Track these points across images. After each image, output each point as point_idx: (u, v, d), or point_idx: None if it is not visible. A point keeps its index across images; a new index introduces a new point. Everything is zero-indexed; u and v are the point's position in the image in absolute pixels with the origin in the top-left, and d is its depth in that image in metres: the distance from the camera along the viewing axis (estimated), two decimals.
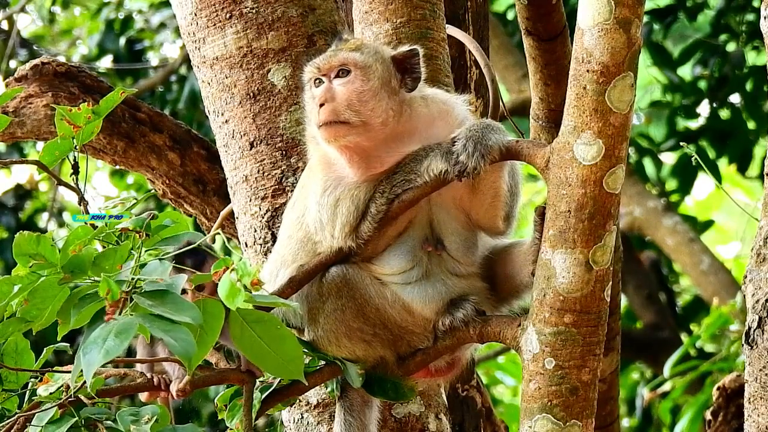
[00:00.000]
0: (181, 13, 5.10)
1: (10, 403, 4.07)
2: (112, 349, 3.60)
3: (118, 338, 3.61)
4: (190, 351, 3.64)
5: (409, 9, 5.14)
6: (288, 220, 4.38)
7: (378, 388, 4.28)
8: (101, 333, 3.63)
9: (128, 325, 3.64)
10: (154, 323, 3.65)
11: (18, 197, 12.86)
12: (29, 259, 3.84)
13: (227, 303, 3.69)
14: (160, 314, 3.67)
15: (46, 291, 3.82)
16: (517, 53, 11.48)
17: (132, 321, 3.65)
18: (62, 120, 4.16)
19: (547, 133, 6.44)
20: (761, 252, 4.53)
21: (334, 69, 4.19)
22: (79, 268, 3.82)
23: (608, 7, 3.86)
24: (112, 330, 3.63)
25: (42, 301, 3.83)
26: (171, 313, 3.66)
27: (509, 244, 4.35)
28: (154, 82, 12.76)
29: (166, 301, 3.70)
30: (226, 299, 3.68)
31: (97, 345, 3.60)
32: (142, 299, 3.70)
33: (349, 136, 4.14)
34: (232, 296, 3.68)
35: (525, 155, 4.07)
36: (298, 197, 4.37)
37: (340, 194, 4.18)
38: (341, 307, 4.20)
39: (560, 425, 4.05)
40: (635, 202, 11.94)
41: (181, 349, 3.63)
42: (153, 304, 3.68)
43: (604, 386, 7.16)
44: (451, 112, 4.28)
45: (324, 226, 4.19)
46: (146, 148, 6.58)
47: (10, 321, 3.89)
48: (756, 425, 4.50)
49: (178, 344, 3.63)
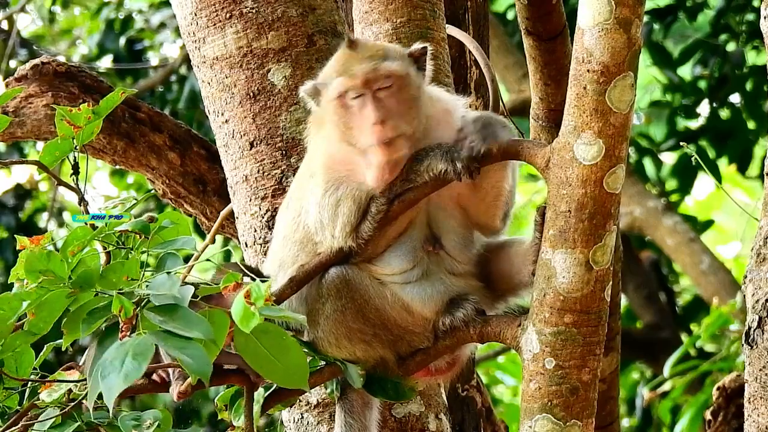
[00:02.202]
0: (181, 13, 5.10)
1: (11, 401, 4.08)
2: (132, 373, 3.61)
3: (136, 360, 3.62)
4: (205, 369, 3.65)
5: (409, 9, 5.14)
6: (283, 221, 4.36)
7: (378, 387, 4.28)
8: (118, 354, 3.64)
9: (144, 347, 3.64)
10: (167, 341, 3.66)
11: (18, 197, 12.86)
12: (39, 275, 3.83)
13: (242, 327, 3.68)
14: (172, 330, 3.66)
15: (53, 305, 3.83)
16: (517, 53, 11.48)
17: (147, 341, 3.65)
18: (62, 120, 4.16)
19: (547, 133, 6.44)
20: (761, 252, 4.53)
21: (379, 82, 4.11)
22: (86, 282, 3.82)
23: (608, 7, 3.86)
24: (128, 351, 3.63)
25: (49, 315, 3.84)
26: (182, 328, 3.66)
27: (504, 242, 4.34)
28: (154, 82, 12.76)
29: (176, 316, 3.70)
30: (241, 323, 3.68)
31: (114, 368, 3.60)
32: (152, 315, 3.69)
33: (405, 148, 4.11)
34: (247, 320, 3.68)
35: (525, 155, 4.07)
36: (293, 197, 4.35)
37: (341, 195, 4.17)
38: (341, 308, 4.20)
39: (560, 425, 4.05)
40: (635, 202, 11.93)
41: (196, 367, 3.64)
42: (163, 320, 3.68)
43: (604, 386, 7.16)
44: (452, 113, 4.27)
45: (324, 227, 4.19)
46: (146, 148, 6.58)
47: (17, 334, 3.89)
48: (756, 425, 4.50)
49: (194, 362, 3.64)
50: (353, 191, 4.16)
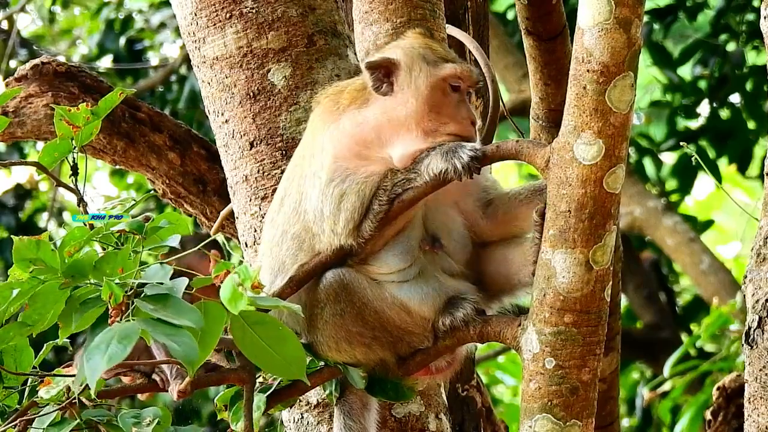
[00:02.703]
0: (181, 13, 5.09)
1: (10, 401, 4.07)
2: (115, 355, 3.60)
3: (121, 344, 3.61)
4: (192, 355, 3.64)
5: (409, 9, 5.14)
6: (280, 215, 4.32)
7: (378, 388, 4.28)
8: (104, 338, 3.64)
9: (130, 330, 3.63)
10: (156, 328, 3.65)
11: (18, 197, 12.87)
12: (29, 264, 3.83)
13: (230, 308, 3.68)
14: (162, 318, 3.66)
15: (47, 296, 3.82)
16: (517, 53, 11.49)
17: (134, 326, 3.64)
18: (61, 120, 4.15)
19: (547, 133, 6.44)
20: (761, 252, 4.53)
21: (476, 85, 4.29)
22: (79, 273, 3.81)
23: (608, 7, 3.86)
24: (114, 335, 3.62)
25: (43, 306, 3.83)
26: (172, 317, 3.66)
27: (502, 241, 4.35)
28: (154, 82, 12.77)
29: (168, 305, 3.70)
30: (229, 303, 3.68)
31: (99, 350, 3.60)
32: (144, 303, 3.70)
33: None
34: (235, 301, 3.68)
35: (525, 155, 4.07)
36: (290, 187, 4.32)
37: (347, 188, 4.17)
38: (340, 312, 4.19)
39: (560, 425, 4.05)
40: (635, 202, 11.94)
41: (183, 354, 3.63)
42: (155, 308, 3.68)
43: (604, 386, 7.16)
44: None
45: (324, 219, 4.18)
46: (146, 147, 6.58)
47: (11, 326, 3.88)
48: (756, 425, 4.50)
49: (181, 348, 3.63)
50: (358, 185, 4.15)
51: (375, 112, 4.24)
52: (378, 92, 4.25)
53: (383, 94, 4.24)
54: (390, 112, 4.22)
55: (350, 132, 4.24)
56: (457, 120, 4.20)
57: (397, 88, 4.24)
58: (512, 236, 4.31)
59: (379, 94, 4.25)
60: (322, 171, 4.21)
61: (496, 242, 4.34)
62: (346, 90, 4.33)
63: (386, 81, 4.24)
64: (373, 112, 4.24)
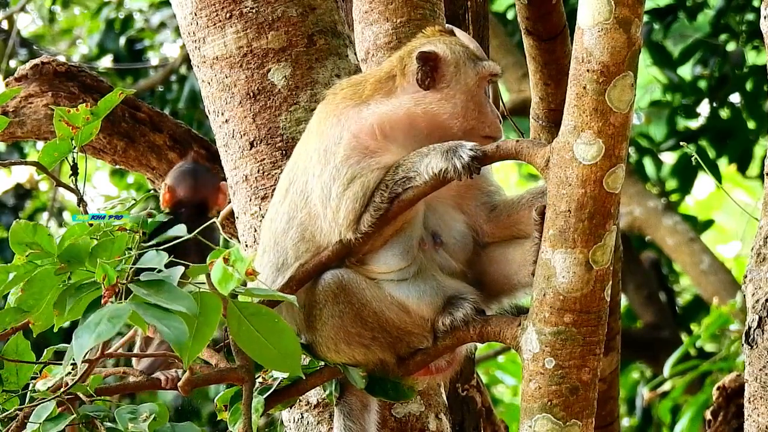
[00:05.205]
0: (181, 13, 5.10)
1: (10, 404, 4.06)
2: (104, 332, 3.57)
3: (110, 322, 3.59)
4: (181, 338, 3.60)
5: (409, 9, 5.14)
6: (285, 203, 4.27)
7: (378, 388, 4.27)
8: (94, 318, 3.63)
9: (121, 311, 3.62)
10: (147, 311, 3.62)
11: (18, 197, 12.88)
12: (26, 248, 3.82)
13: (219, 289, 3.64)
14: (155, 303, 3.65)
15: (43, 281, 3.81)
16: (517, 53, 11.49)
17: (125, 307, 3.63)
18: (61, 121, 4.15)
19: (547, 133, 6.44)
20: (761, 252, 4.53)
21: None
22: (76, 258, 3.80)
23: (608, 7, 3.86)
24: (104, 315, 3.61)
25: (39, 291, 3.82)
26: (166, 302, 3.64)
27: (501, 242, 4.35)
28: (154, 82, 12.78)
29: (162, 290, 3.68)
30: (219, 284, 3.65)
31: (89, 329, 3.59)
32: (138, 288, 3.68)
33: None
34: (225, 282, 3.65)
35: (525, 155, 4.07)
36: (296, 173, 4.27)
37: (358, 172, 4.14)
38: (338, 313, 4.18)
39: (560, 425, 4.05)
40: (635, 201, 11.94)
41: (173, 337, 3.60)
42: (148, 293, 3.66)
43: (604, 386, 7.16)
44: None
45: (327, 204, 4.16)
46: (146, 147, 6.58)
47: (7, 311, 3.87)
48: (756, 425, 4.50)
49: (171, 332, 3.60)
50: (365, 174, 4.13)
51: (406, 103, 4.20)
52: (421, 85, 4.20)
53: (426, 88, 4.21)
54: (426, 106, 4.19)
55: (379, 113, 4.19)
56: (490, 119, 4.23)
57: (442, 84, 4.21)
58: (513, 238, 4.31)
59: (423, 87, 4.20)
60: (339, 146, 4.18)
61: (496, 242, 4.34)
62: (367, 81, 4.27)
63: (431, 75, 4.22)
64: (402, 102, 4.21)
